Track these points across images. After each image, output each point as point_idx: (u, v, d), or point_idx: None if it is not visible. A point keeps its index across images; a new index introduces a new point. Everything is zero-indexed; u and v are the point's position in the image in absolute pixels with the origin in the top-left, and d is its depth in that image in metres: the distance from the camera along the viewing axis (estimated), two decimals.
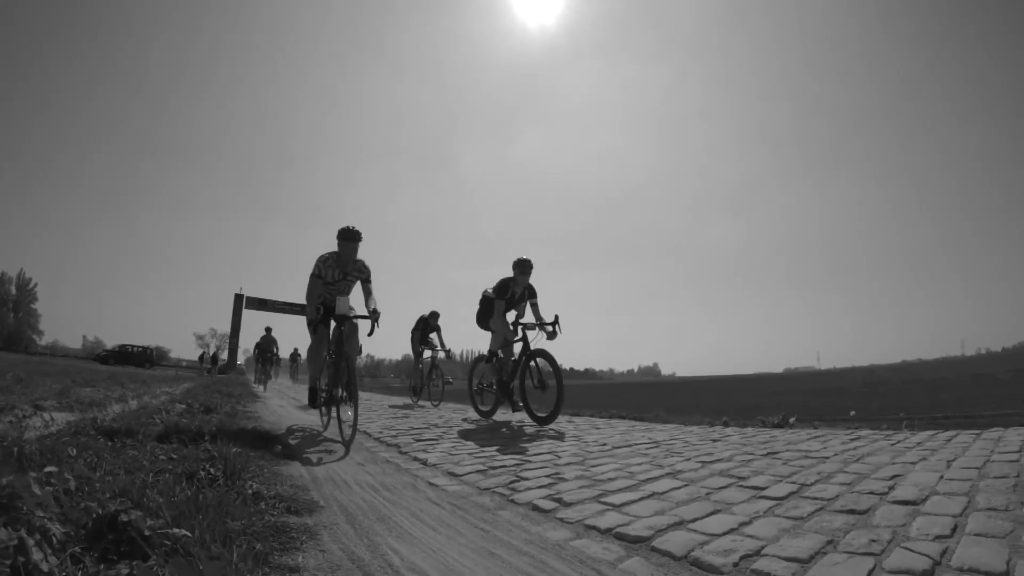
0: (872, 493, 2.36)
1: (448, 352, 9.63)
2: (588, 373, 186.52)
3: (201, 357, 42.04)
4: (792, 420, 5.76)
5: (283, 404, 8.35)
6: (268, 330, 16.01)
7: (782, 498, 2.35)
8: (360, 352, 5.39)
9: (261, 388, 14.28)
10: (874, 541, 1.77)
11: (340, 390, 4.28)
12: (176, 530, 1.21)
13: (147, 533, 1.18)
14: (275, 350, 15.77)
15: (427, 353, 9.66)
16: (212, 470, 2.14)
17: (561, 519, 2.10)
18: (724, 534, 1.90)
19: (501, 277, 5.98)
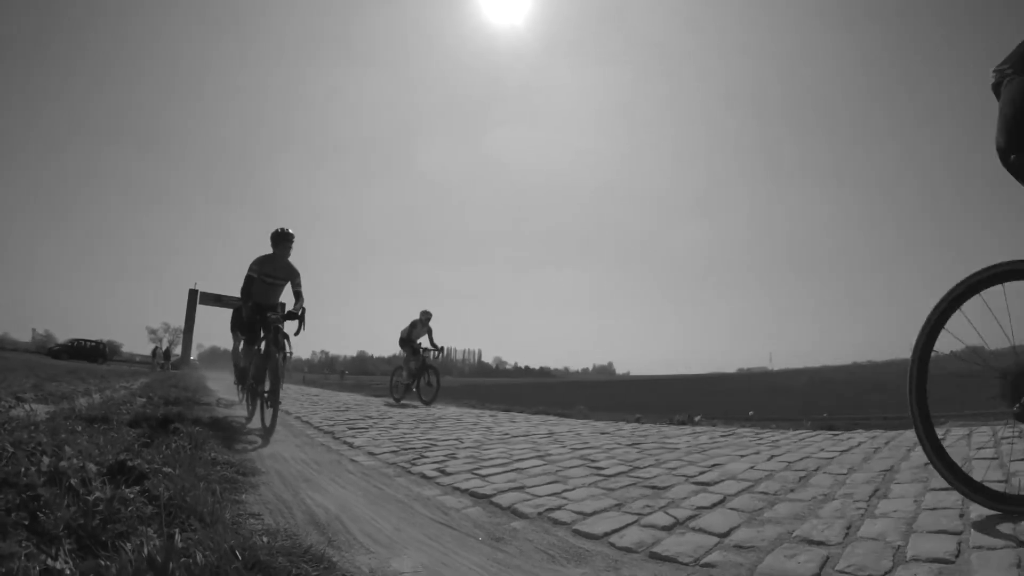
0: (683, 475, 2.99)
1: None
2: (543, 372, 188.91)
3: (154, 352, 41.44)
4: (697, 419, 6.63)
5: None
6: (283, 236, 5.49)
7: (612, 475, 3.13)
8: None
9: (248, 417, 5.41)
10: (649, 507, 2.40)
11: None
12: (166, 468, 1.96)
13: (147, 469, 1.93)
14: (287, 312, 5.32)
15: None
16: (182, 442, 2.88)
17: (438, 483, 2.91)
18: (547, 496, 2.64)
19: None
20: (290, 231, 5.54)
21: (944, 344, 2.19)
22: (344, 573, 1.57)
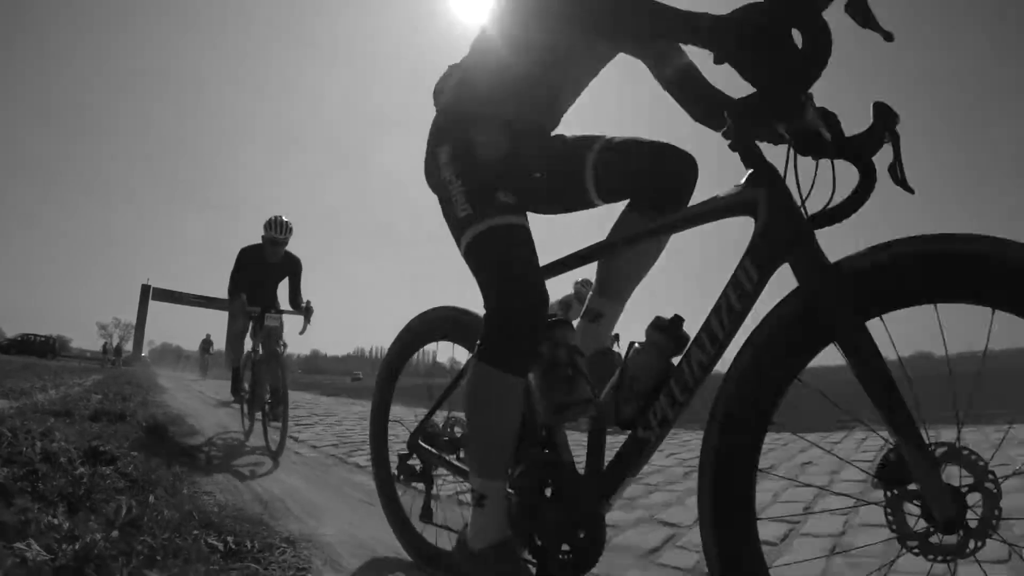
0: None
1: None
2: None
3: (104, 348, 40.41)
4: None
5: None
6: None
7: None
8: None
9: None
10: None
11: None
12: (132, 453, 2.39)
13: (116, 454, 2.36)
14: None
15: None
16: (143, 434, 3.29)
17: (368, 471, 3.38)
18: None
19: None
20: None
21: None
22: (276, 532, 2.05)
